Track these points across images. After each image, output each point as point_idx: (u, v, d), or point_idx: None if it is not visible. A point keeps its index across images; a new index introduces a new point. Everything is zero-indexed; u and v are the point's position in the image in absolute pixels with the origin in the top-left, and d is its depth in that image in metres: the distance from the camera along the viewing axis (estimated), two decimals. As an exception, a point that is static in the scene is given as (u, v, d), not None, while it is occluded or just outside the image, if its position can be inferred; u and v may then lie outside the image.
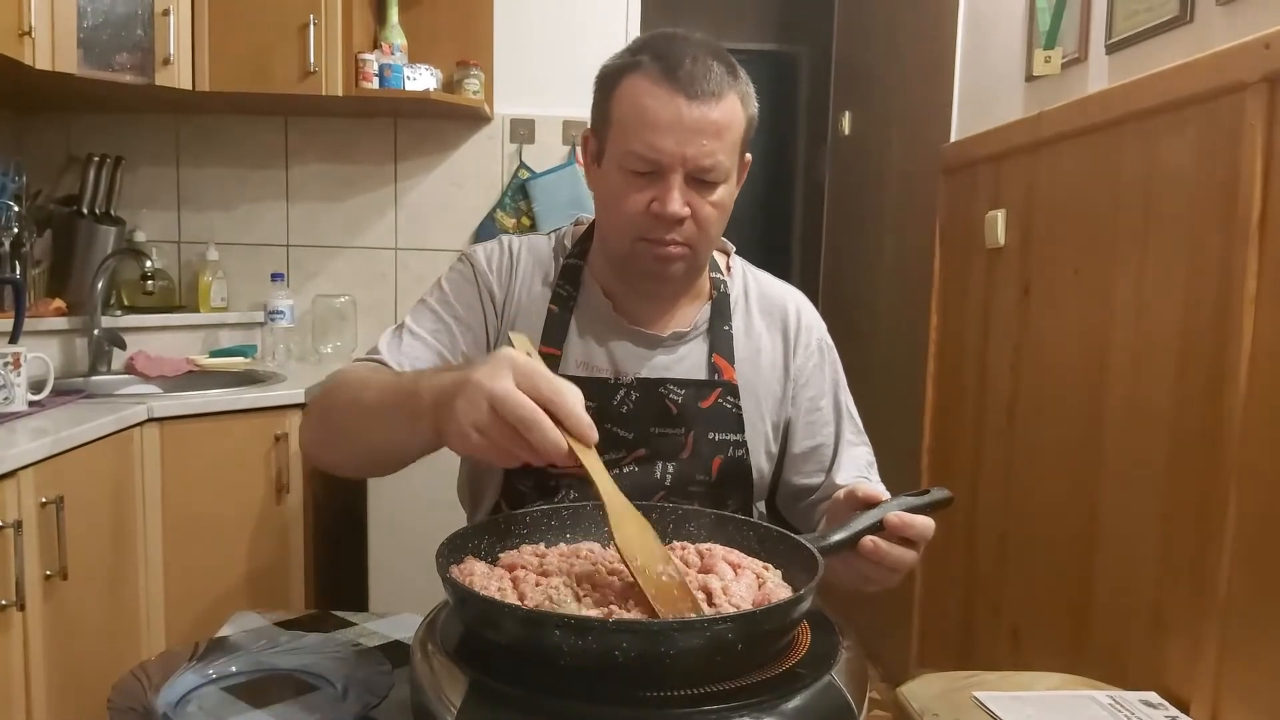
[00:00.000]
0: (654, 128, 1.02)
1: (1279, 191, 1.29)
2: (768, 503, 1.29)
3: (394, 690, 0.86)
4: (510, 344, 0.84)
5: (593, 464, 0.77)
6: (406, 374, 1.01)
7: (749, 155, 1.14)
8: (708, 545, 0.86)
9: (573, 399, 0.75)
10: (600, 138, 1.11)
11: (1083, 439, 1.74)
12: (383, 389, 0.95)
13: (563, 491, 1.14)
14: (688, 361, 1.17)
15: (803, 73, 4.76)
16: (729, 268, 1.25)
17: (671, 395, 1.14)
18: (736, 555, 0.84)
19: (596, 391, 1.12)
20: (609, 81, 1.09)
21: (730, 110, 1.05)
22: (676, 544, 0.87)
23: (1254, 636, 1.30)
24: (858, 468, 1.22)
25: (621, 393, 1.13)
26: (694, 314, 1.19)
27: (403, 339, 1.15)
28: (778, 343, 1.22)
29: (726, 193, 1.08)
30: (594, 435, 0.76)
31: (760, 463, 1.20)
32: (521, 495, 1.15)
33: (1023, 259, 2.01)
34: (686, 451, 1.15)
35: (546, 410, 0.74)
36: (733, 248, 1.28)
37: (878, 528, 0.88)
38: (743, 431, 1.17)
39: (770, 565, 0.84)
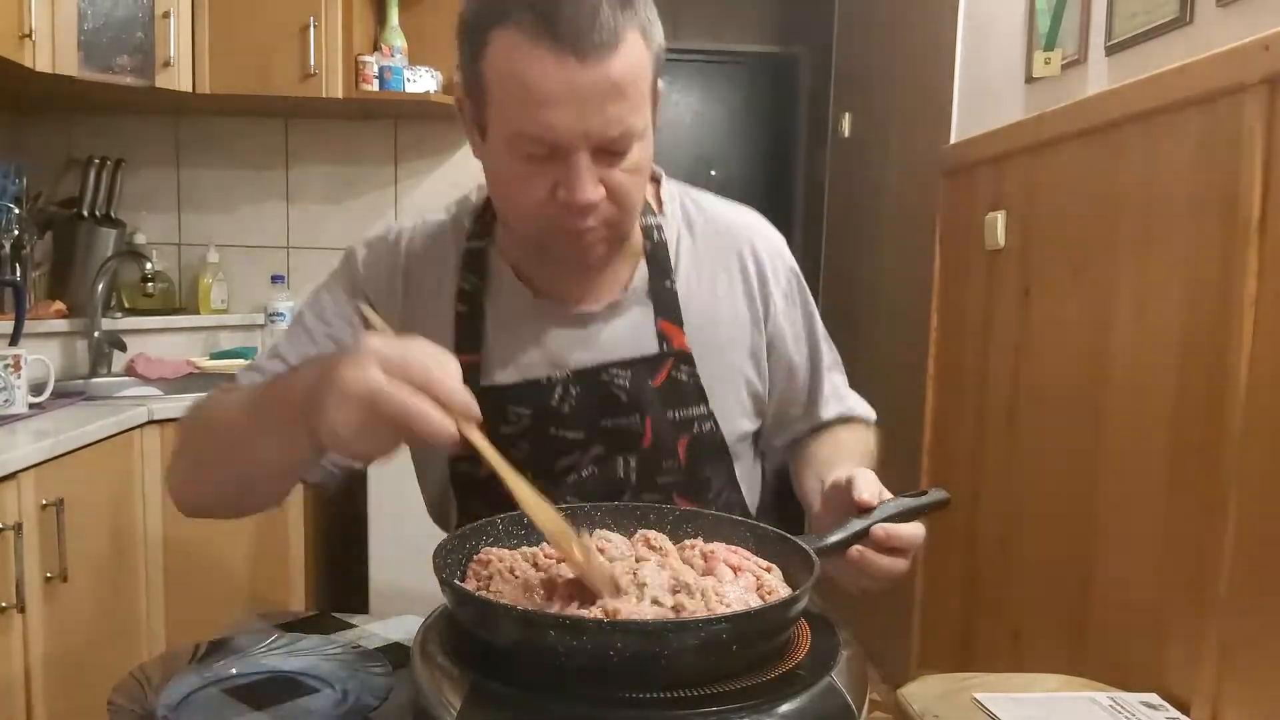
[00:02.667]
0: (543, 103, 0.82)
1: (1278, 193, 1.29)
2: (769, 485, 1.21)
3: (394, 692, 0.86)
4: (365, 324, 0.75)
5: (479, 442, 0.71)
6: (266, 382, 0.87)
7: (661, 84, 0.92)
8: (711, 546, 0.86)
9: (449, 376, 0.68)
10: (477, 105, 0.90)
11: (1083, 440, 1.74)
12: (245, 402, 0.84)
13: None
14: (632, 332, 1.02)
15: (803, 74, 4.76)
16: (660, 201, 1.07)
17: (616, 381, 1.00)
18: (739, 557, 0.84)
19: (531, 396, 1.00)
20: (474, 34, 0.86)
21: (631, 57, 0.84)
22: (688, 542, 0.87)
23: (1255, 638, 1.30)
24: (839, 400, 1.15)
25: (559, 390, 1.00)
26: (627, 276, 1.03)
27: (265, 371, 1.01)
28: (738, 287, 1.07)
29: (642, 150, 0.90)
30: (477, 412, 0.69)
31: (736, 426, 1.07)
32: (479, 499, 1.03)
33: (1023, 260, 2.01)
34: (645, 440, 1.02)
35: (425, 393, 0.66)
36: (662, 173, 1.08)
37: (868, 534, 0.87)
38: (706, 401, 1.03)
39: (774, 566, 0.84)
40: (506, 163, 0.90)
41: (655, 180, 1.08)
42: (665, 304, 1.03)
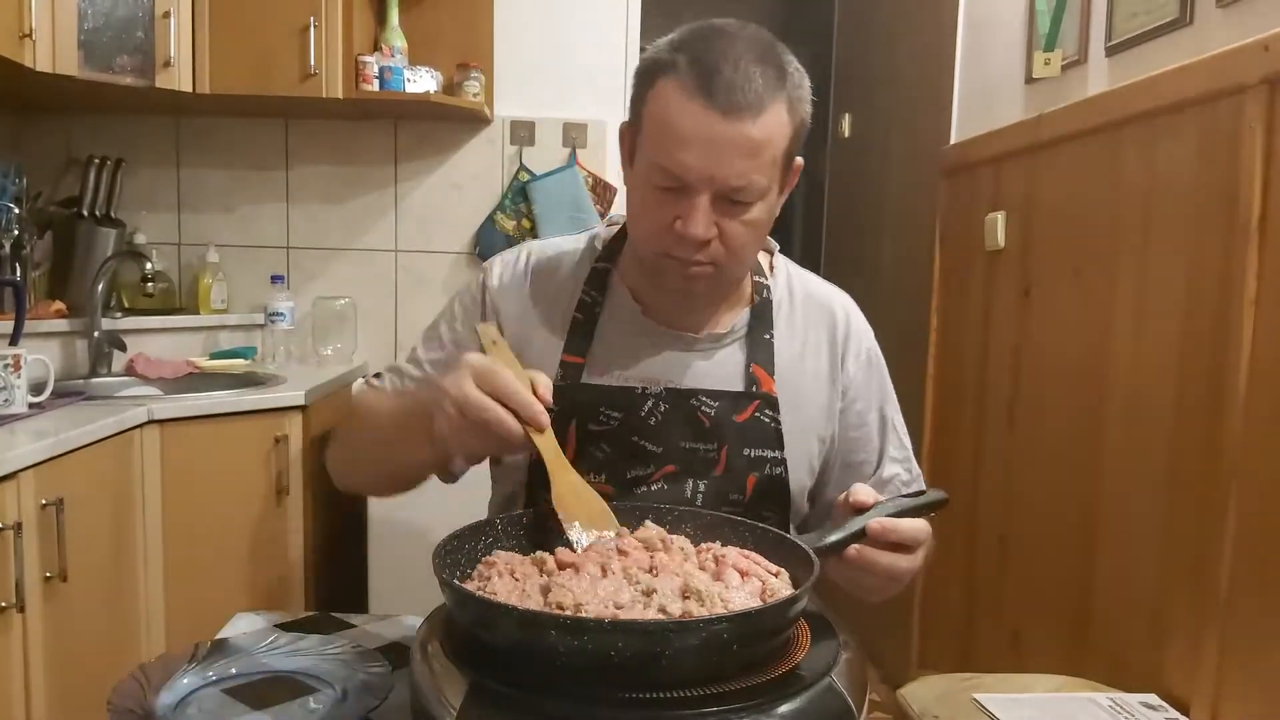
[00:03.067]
0: (681, 144, 0.94)
1: (1278, 193, 1.29)
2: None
3: (394, 692, 0.86)
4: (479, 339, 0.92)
5: (544, 446, 0.87)
6: (405, 393, 1.12)
7: (800, 159, 1.04)
8: (723, 550, 0.85)
9: (525, 390, 0.84)
10: (634, 135, 1.03)
11: (1083, 440, 1.74)
12: (392, 415, 1.05)
13: None
14: (724, 369, 1.10)
15: (803, 74, 4.76)
16: (772, 267, 1.19)
17: (704, 407, 1.07)
18: (748, 562, 0.83)
19: (622, 401, 1.07)
20: (645, 78, 1.00)
21: (771, 124, 0.95)
22: (704, 545, 0.87)
23: (1254, 638, 1.30)
24: (891, 488, 1.17)
25: (649, 403, 1.07)
26: (733, 318, 1.12)
27: (403, 373, 1.17)
28: (824, 350, 1.16)
29: (763, 209, 1.00)
30: (544, 420, 0.85)
31: (802, 478, 1.13)
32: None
33: (1023, 261, 2.01)
34: (719, 468, 1.08)
35: (503, 403, 0.83)
36: (776, 246, 1.20)
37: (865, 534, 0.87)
38: (782, 448, 1.09)
39: (783, 571, 0.84)
40: (643, 189, 1.02)
41: (770, 252, 1.20)
42: (761, 351, 1.12)
